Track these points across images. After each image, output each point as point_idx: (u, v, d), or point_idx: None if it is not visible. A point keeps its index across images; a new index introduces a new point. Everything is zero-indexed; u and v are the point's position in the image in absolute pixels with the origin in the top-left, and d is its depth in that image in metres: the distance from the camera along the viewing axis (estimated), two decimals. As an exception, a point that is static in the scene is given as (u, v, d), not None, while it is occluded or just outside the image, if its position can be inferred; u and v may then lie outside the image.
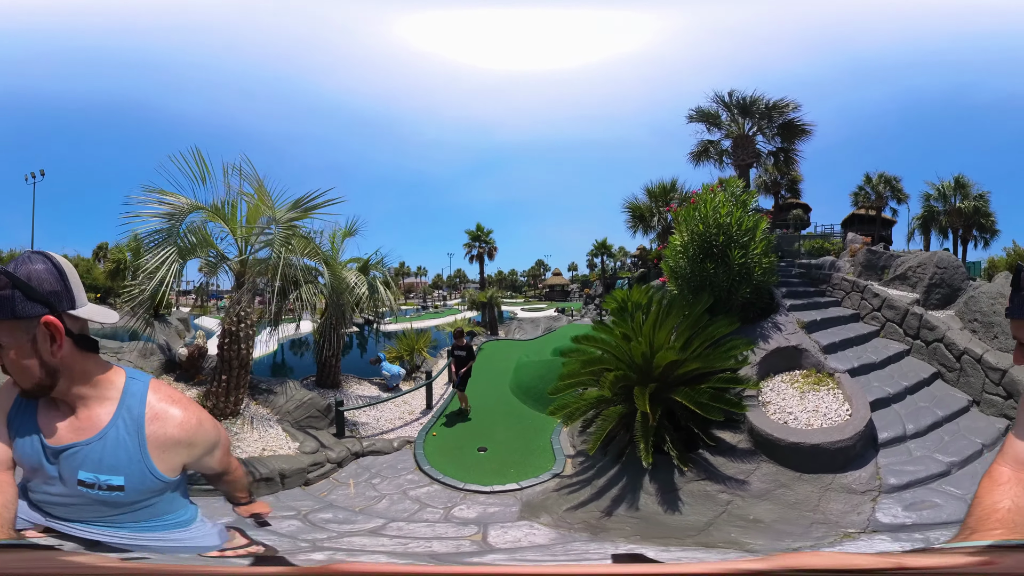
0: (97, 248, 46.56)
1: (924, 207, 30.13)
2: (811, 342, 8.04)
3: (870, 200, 32.68)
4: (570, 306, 44.35)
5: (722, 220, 8.02)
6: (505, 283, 79.53)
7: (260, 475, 5.75)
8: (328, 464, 6.70)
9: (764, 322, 8.59)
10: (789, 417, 6.49)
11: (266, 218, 7.58)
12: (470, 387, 9.62)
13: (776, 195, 30.76)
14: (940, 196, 29.15)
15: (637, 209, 21.93)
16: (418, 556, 3.47)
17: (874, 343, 8.84)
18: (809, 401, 6.76)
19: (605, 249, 41.17)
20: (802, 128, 16.62)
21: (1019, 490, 1.30)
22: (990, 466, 1.43)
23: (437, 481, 6.48)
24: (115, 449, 1.39)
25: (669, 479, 5.74)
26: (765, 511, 5.16)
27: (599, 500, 5.66)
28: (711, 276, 8.02)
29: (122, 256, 29.56)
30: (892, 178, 31.45)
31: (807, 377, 7.39)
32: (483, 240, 45.08)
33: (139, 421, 1.42)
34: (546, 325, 25.65)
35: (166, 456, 1.45)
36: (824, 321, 9.03)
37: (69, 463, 1.38)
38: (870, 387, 7.01)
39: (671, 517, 5.28)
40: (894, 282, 10.31)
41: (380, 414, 9.83)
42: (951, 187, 28.73)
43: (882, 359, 7.94)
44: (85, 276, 35.48)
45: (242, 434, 6.96)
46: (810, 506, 5.15)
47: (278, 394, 8.64)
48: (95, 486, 1.39)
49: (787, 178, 28.16)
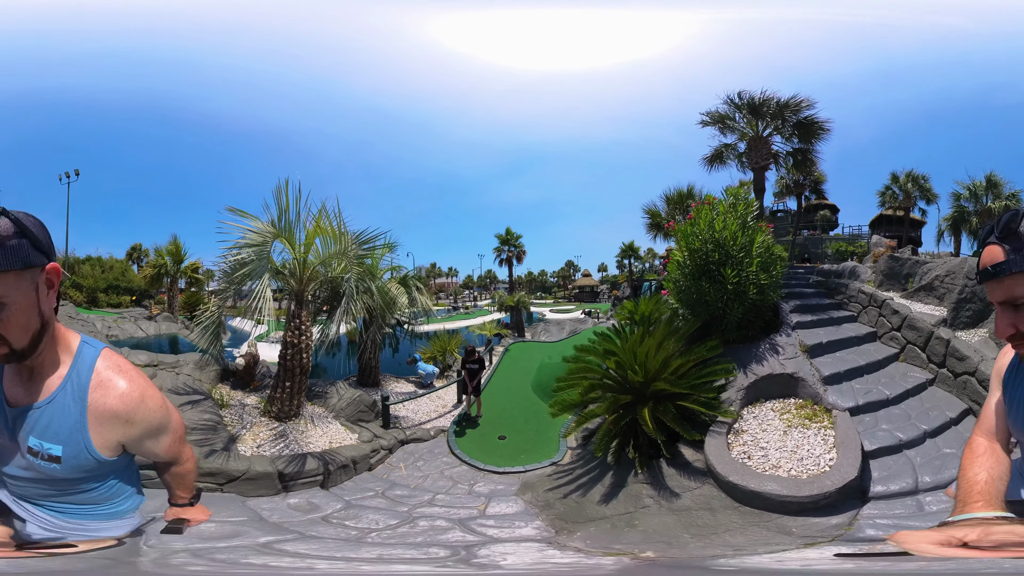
0: (131, 250, 48.16)
1: (954, 207, 29.33)
2: (810, 369, 7.29)
3: (897, 200, 32.66)
4: (598, 308, 45.47)
5: (717, 235, 7.79)
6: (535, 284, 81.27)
7: (338, 464, 7.20)
8: (382, 451, 8.20)
9: (762, 342, 8.04)
10: (760, 453, 5.99)
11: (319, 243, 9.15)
12: (495, 384, 11.19)
13: (799, 196, 31.24)
14: (971, 196, 28.39)
15: (656, 216, 23.05)
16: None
17: (891, 370, 7.81)
18: (791, 439, 6.14)
19: (632, 252, 42.26)
20: (819, 126, 16.14)
21: (993, 461, 1.45)
22: (970, 437, 1.59)
23: (464, 463, 8.03)
24: (60, 415, 1.38)
25: (624, 478, 6.34)
26: (657, 523, 5.36)
27: (569, 486, 6.63)
28: (705, 294, 7.88)
29: (163, 262, 31.10)
30: (920, 177, 31.35)
31: (801, 409, 6.77)
32: (512, 244, 46.65)
33: (84, 388, 1.40)
34: (571, 327, 26.99)
35: (102, 430, 1.42)
36: (831, 344, 8.16)
37: (23, 427, 1.39)
38: (875, 430, 6.12)
39: (595, 507, 5.94)
40: (919, 293, 9.56)
41: (418, 407, 11.45)
42: (982, 186, 28.00)
43: (897, 393, 6.91)
44: (121, 278, 37.53)
45: (308, 432, 8.44)
46: (709, 530, 5.04)
47: (330, 395, 10.15)
48: (39, 455, 1.38)
49: (810, 179, 28.53)
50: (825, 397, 6.78)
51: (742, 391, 7.07)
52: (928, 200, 31.95)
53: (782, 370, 7.26)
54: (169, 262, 30.87)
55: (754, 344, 8.02)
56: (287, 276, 9.05)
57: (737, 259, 7.76)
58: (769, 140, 16.46)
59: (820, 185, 30.34)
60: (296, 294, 9.00)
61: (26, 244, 1.25)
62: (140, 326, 24.08)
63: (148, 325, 24.74)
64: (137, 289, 37.01)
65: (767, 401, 7.09)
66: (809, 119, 15.94)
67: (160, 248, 32.30)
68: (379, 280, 11.81)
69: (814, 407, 6.73)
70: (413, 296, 13.79)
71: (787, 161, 17.41)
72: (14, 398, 1.41)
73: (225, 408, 8.56)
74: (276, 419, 8.51)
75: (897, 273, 10.69)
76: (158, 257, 32.08)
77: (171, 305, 29.95)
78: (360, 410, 9.72)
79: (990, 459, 1.47)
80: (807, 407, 6.78)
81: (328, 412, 9.48)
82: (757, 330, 8.36)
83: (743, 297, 7.79)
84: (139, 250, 48.73)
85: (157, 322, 25.96)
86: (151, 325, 24.91)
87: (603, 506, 5.89)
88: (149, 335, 23.04)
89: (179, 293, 31.10)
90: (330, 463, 6.99)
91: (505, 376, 14.68)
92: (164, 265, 30.90)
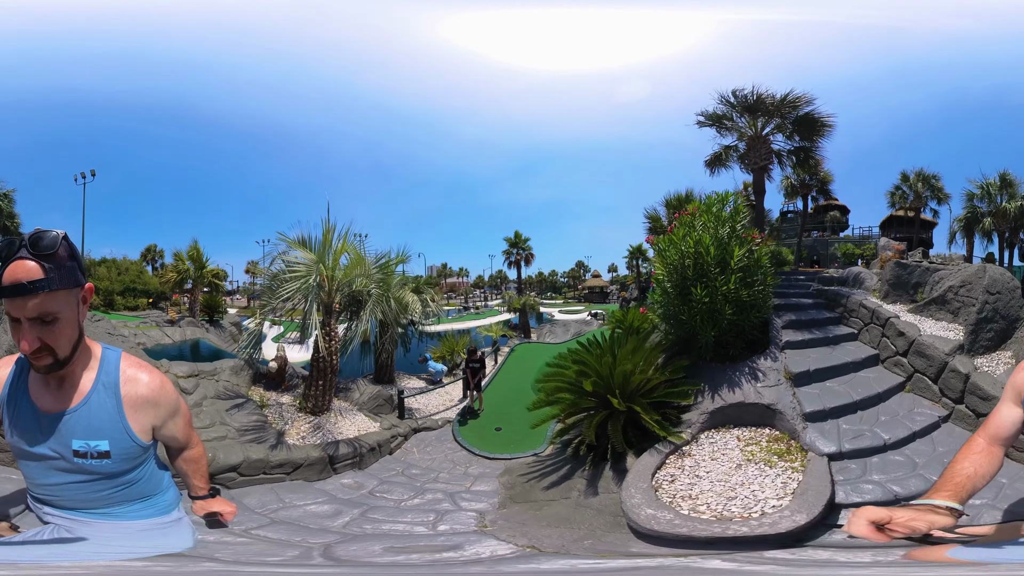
0: (145, 250, 49.95)
1: (966, 207, 28.92)
2: (791, 401, 6.50)
3: (907, 200, 32.57)
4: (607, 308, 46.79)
5: (691, 249, 7.46)
6: (546, 284, 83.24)
7: (368, 447, 8.87)
8: (399, 438, 9.96)
9: (743, 364, 7.44)
10: (689, 481, 5.58)
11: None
12: (499, 382, 13.09)
13: (805, 197, 30.51)
14: (984, 195, 27.98)
15: (656, 220, 24.30)
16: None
17: (894, 404, 6.84)
18: (741, 474, 5.48)
19: (640, 253, 43.59)
20: (820, 122, 15.43)
21: (985, 459, 1.56)
22: (971, 436, 1.69)
23: (464, 448, 9.77)
24: (99, 412, 1.67)
25: (573, 473, 7.04)
26: (555, 512, 6.01)
27: (533, 473, 7.56)
28: (680, 313, 7.65)
29: (184, 267, 32.67)
30: (931, 176, 31.36)
31: (773, 443, 6.14)
32: (520, 247, 48.38)
33: (115, 385, 1.70)
34: (576, 329, 28.51)
35: (138, 416, 1.73)
36: (821, 372, 7.30)
37: (62, 433, 1.64)
38: (861, 481, 5.21)
39: (538, 491, 6.79)
40: (930, 307, 8.55)
41: (428, 400, 13.46)
42: (996, 185, 27.55)
43: (900, 437, 5.91)
44: (137, 281, 38.89)
45: (338, 423, 10.17)
46: (572, 525, 5.46)
47: (352, 391, 11.96)
48: (87, 455, 1.65)
49: (816, 179, 27.85)
50: (803, 435, 5.96)
51: (706, 415, 6.72)
52: (939, 200, 31.97)
53: (757, 399, 6.68)
54: (191, 267, 32.40)
55: (733, 365, 7.48)
56: (318, 290, 10.86)
57: (712, 275, 7.33)
58: (768, 139, 15.82)
59: (827, 185, 29.61)
60: (326, 306, 10.77)
61: (75, 267, 1.53)
62: (166, 332, 25.31)
63: (173, 331, 25.77)
64: (154, 291, 38.09)
65: (736, 428, 6.63)
66: (809, 115, 15.22)
67: (180, 252, 33.70)
68: (394, 289, 13.69)
69: (790, 443, 6.05)
70: (426, 302, 16.05)
71: (790, 160, 16.74)
72: (45, 406, 1.65)
73: (265, 408, 10.22)
74: (311, 413, 10.25)
75: (905, 282, 9.69)
76: (179, 263, 33.44)
77: (193, 309, 31.36)
78: (379, 403, 11.54)
79: (984, 458, 1.54)
80: (782, 442, 6.12)
81: (352, 405, 11.26)
82: (739, 349, 7.86)
83: (717, 317, 7.38)
84: (154, 251, 50.22)
85: (181, 327, 26.97)
86: (176, 331, 25.88)
87: (543, 492, 6.79)
88: (176, 341, 24.40)
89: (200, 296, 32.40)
90: (362, 447, 8.72)
91: (509, 375, 16.47)
92: (187, 271, 32.51)
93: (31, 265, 1.45)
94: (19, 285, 1.44)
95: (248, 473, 6.59)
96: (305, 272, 9.96)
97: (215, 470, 6.32)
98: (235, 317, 35.65)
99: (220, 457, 6.51)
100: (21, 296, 1.45)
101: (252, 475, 6.60)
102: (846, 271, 13.40)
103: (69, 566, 1.55)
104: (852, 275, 12.00)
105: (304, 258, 10.23)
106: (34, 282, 1.45)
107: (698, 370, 7.60)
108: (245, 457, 6.65)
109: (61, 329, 1.54)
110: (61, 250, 1.49)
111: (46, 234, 1.48)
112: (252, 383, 11.38)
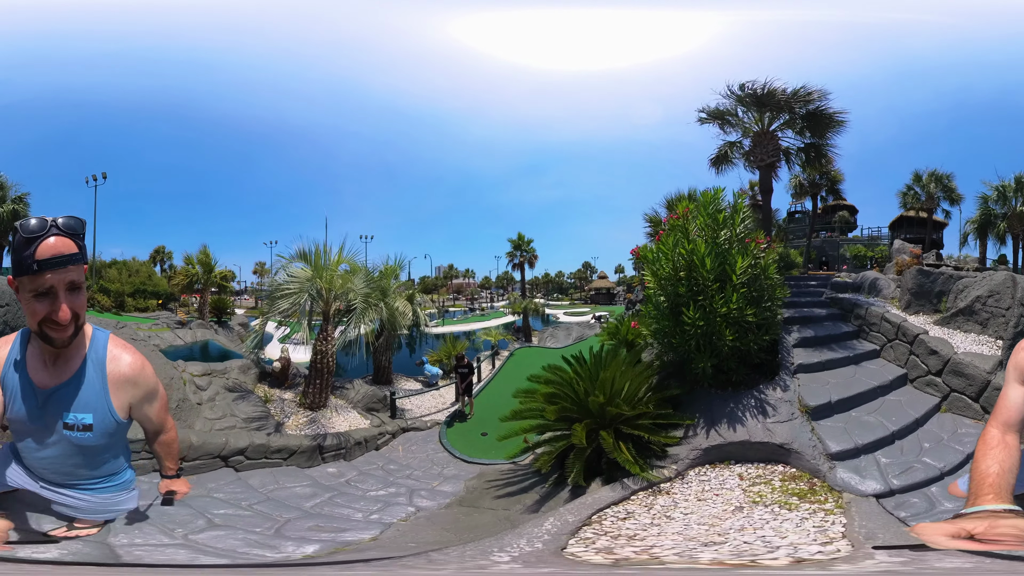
0: (154, 252, 51.22)
1: (980, 209, 28.95)
2: (810, 439, 5.64)
3: (919, 201, 32.53)
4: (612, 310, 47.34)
5: (684, 261, 6.48)
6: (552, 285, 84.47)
7: (354, 442, 9.98)
8: (387, 435, 11.11)
9: (746, 394, 6.45)
10: (645, 531, 4.35)
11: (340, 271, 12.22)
12: (494, 387, 14.18)
13: (814, 197, 30.46)
14: (999, 197, 28.01)
15: (656, 223, 24.89)
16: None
17: (933, 425, 6.28)
18: (738, 520, 4.37)
19: (645, 258, 44.33)
20: (831, 118, 14.80)
21: (1005, 453, 1.55)
22: (984, 428, 1.66)
23: (447, 450, 10.75)
24: (87, 387, 1.86)
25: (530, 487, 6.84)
26: (484, 519, 6.12)
27: (499, 480, 7.70)
28: (672, 335, 6.69)
29: (194, 271, 33.76)
30: (944, 176, 31.47)
31: (789, 482, 5.19)
32: (524, 249, 49.68)
33: (102, 362, 1.90)
34: (578, 333, 28.55)
35: (120, 394, 1.91)
36: (845, 402, 6.38)
37: (56, 407, 1.84)
38: (941, 513, 4.57)
39: (489, 499, 6.88)
40: (957, 318, 8.17)
41: (421, 402, 14.52)
42: (1011, 187, 27.54)
43: (956, 463, 5.36)
44: (147, 282, 39.95)
45: (332, 418, 11.34)
46: (478, 533, 5.42)
47: (349, 390, 13.12)
48: (74, 427, 1.85)
49: (826, 178, 27.87)
50: (831, 475, 5.16)
51: (698, 451, 5.84)
52: (952, 201, 32.13)
53: (766, 438, 5.77)
54: (200, 271, 33.60)
55: (736, 393, 6.50)
56: (316, 298, 12.09)
57: (709, 292, 6.30)
58: (776, 135, 15.28)
59: (837, 185, 29.63)
60: (323, 313, 11.99)
61: (86, 246, 1.78)
62: (178, 334, 26.07)
63: (185, 333, 26.55)
64: (163, 293, 38.59)
65: (738, 464, 5.73)
66: (820, 110, 14.64)
67: (190, 256, 34.59)
68: (390, 297, 14.92)
69: (812, 482, 5.15)
70: (416, 312, 17.20)
71: (799, 158, 16.18)
72: (42, 382, 1.84)
73: (269, 402, 11.42)
74: (309, 409, 11.45)
75: (928, 291, 9.25)
76: (189, 267, 34.47)
77: (202, 311, 32.48)
78: (373, 402, 12.72)
79: (1002, 451, 1.54)
80: (801, 481, 5.19)
81: (347, 403, 12.42)
82: (743, 375, 6.75)
83: (715, 343, 6.35)
84: (163, 252, 51.41)
85: (192, 329, 27.94)
86: (187, 332, 26.69)
87: (492, 500, 6.84)
88: (187, 342, 25.50)
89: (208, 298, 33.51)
90: (349, 441, 9.86)
91: (505, 380, 16.90)
92: (196, 275, 33.70)
93: (68, 241, 1.71)
94: (63, 257, 1.69)
95: (253, 457, 7.66)
96: (298, 289, 11.19)
97: (228, 453, 7.44)
98: (243, 318, 36.57)
99: (231, 442, 7.59)
100: (64, 267, 1.69)
101: (256, 459, 7.67)
102: (860, 276, 12.92)
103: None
104: (867, 281, 11.63)
105: (299, 276, 11.42)
106: (73, 255, 1.71)
107: (694, 397, 6.70)
108: (250, 442, 7.73)
109: (84, 298, 1.80)
110: (81, 233, 1.77)
111: (73, 217, 1.74)
112: (258, 381, 12.74)
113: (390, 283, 15.64)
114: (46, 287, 1.68)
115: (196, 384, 10.35)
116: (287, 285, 11.39)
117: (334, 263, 12.11)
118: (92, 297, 33.00)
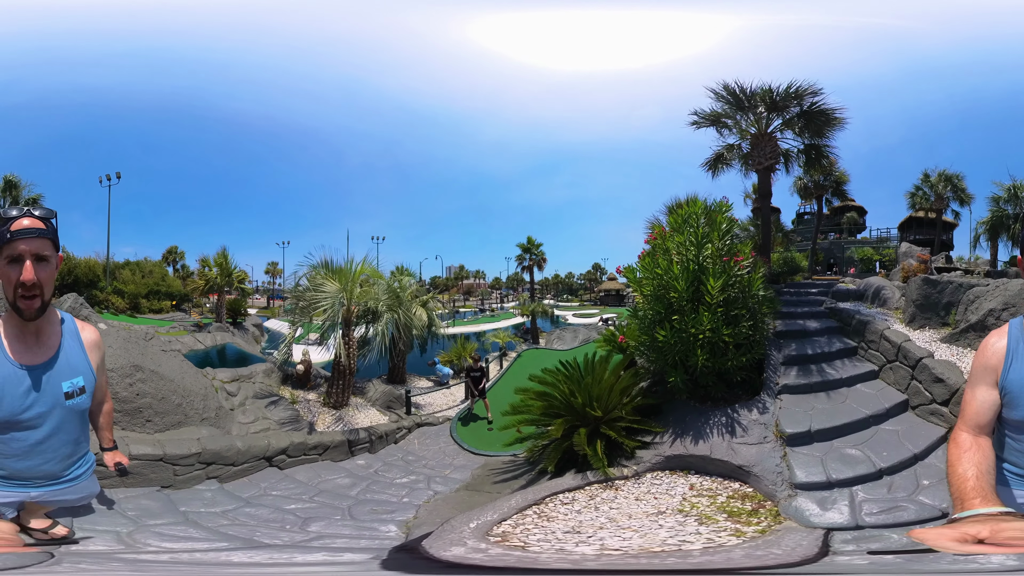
0: (167, 252, 52.28)
1: (992, 210, 28.60)
2: (777, 466, 5.52)
3: (929, 201, 32.72)
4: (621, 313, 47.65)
5: (660, 280, 6.67)
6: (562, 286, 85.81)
7: (378, 435, 11.37)
8: (404, 430, 12.59)
9: (719, 412, 6.47)
10: (566, 520, 4.94)
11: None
12: (501, 386, 15.67)
13: (820, 199, 30.48)
14: (1011, 198, 27.76)
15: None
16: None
17: (937, 459, 5.71)
18: (643, 522, 4.68)
19: (652, 257, 45.45)
20: (829, 116, 14.34)
21: (980, 456, 1.59)
22: (953, 430, 1.71)
23: (457, 443, 12.16)
24: (72, 354, 2.26)
25: (522, 474, 8.00)
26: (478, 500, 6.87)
27: (499, 468, 8.72)
28: (648, 349, 7.02)
29: (211, 275, 34.64)
30: (954, 176, 31.67)
31: (735, 500, 5.20)
32: (533, 252, 50.94)
33: (76, 332, 2.33)
34: (585, 336, 29.42)
35: (93, 355, 2.36)
36: (828, 432, 6.09)
37: (52, 380, 2.16)
38: None
39: (488, 484, 8.02)
40: (967, 334, 7.69)
41: (433, 400, 16.15)
42: (1023, 188, 27.36)
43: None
44: (161, 284, 40.94)
45: (355, 415, 12.84)
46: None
47: (367, 389, 14.71)
48: (73, 393, 2.19)
49: (831, 179, 27.48)
50: (786, 503, 4.98)
51: (660, 458, 6.16)
52: (962, 202, 32.31)
53: (726, 456, 5.79)
54: (218, 274, 34.36)
55: (714, 410, 6.57)
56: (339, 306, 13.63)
57: (684, 312, 6.45)
58: (774, 137, 14.78)
59: (842, 186, 29.16)
60: (345, 319, 13.51)
61: (57, 236, 2.11)
62: (197, 338, 26.67)
63: (204, 336, 27.29)
64: (177, 294, 40.17)
65: (696, 475, 5.90)
66: (816, 108, 14.11)
67: (207, 258, 35.73)
68: (406, 303, 16.50)
69: (761, 504, 5.04)
70: (432, 317, 19.36)
71: (799, 159, 15.72)
72: (29, 361, 2.14)
73: (296, 404, 12.80)
74: (333, 408, 12.96)
75: (935, 303, 8.61)
76: (207, 269, 35.46)
77: (219, 313, 33.38)
78: (390, 400, 14.30)
79: (977, 454, 1.58)
80: (749, 501, 5.13)
81: (367, 401, 14.01)
82: (722, 391, 6.84)
83: (688, 361, 6.53)
84: (175, 252, 52.69)
85: (211, 332, 28.73)
86: (207, 336, 27.46)
87: (492, 485, 7.90)
88: (207, 346, 25.93)
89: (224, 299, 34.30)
90: (373, 435, 11.34)
91: (513, 380, 17.82)
92: (213, 279, 34.66)
93: (38, 221, 2.05)
94: (32, 230, 2.02)
95: (294, 455, 8.78)
96: (331, 303, 12.76)
97: (272, 453, 8.42)
98: (255, 318, 37.97)
99: (272, 443, 8.55)
100: (31, 237, 2.02)
101: (296, 456, 8.80)
102: (864, 283, 12.49)
103: None
104: (871, 288, 11.08)
105: (329, 291, 12.94)
106: (40, 230, 2.04)
107: (672, 407, 6.99)
108: (291, 442, 8.87)
109: (50, 273, 2.07)
110: (52, 219, 2.10)
111: (45, 208, 2.10)
112: (281, 383, 14.00)
113: (406, 288, 17.24)
114: (16, 253, 2.01)
115: (227, 391, 11.35)
116: (320, 302, 12.88)
117: (356, 273, 13.61)
118: (107, 299, 34.67)
